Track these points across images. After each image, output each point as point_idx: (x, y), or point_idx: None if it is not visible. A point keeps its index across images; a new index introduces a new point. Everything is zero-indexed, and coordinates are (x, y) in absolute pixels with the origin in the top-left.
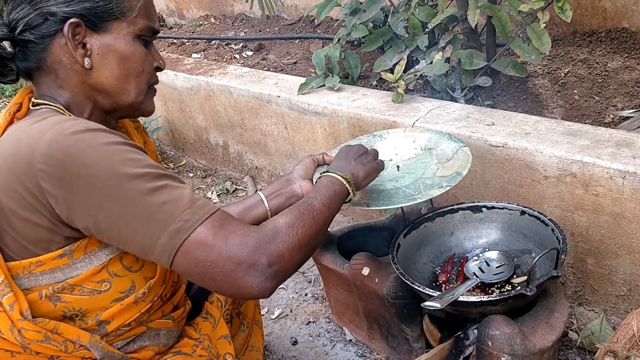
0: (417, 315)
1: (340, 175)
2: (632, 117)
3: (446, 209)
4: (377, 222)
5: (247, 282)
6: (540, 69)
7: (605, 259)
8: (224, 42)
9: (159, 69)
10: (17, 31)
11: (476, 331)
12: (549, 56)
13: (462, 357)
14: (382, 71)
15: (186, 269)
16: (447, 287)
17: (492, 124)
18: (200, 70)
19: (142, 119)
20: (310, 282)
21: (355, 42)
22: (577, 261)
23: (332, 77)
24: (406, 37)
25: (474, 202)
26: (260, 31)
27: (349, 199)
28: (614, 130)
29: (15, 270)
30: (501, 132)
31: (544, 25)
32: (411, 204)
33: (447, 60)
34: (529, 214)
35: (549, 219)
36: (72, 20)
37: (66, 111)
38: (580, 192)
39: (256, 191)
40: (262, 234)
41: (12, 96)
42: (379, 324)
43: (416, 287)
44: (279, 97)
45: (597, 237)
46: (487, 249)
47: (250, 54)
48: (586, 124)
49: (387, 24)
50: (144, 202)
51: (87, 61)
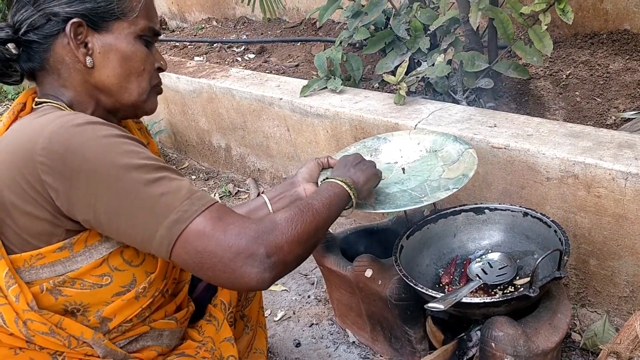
0: (420, 317)
1: (340, 179)
2: (634, 118)
3: (449, 211)
4: (379, 224)
5: (246, 272)
6: (542, 70)
7: (607, 261)
8: (226, 45)
9: (161, 70)
10: (21, 32)
11: (479, 333)
12: (550, 58)
13: (465, 359)
14: (384, 73)
15: (185, 260)
16: (450, 289)
17: (494, 126)
18: (202, 73)
19: (145, 121)
20: (313, 284)
21: (357, 45)
22: (579, 263)
23: (334, 79)
24: (408, 40)
25: (477, 204)
26: (262, 34)
27: (350, 204)
28: (616, 131)
29: (16, 263)
30: (503, 134)
31: (546, 27)
32: (417, 206)
33: (449, 62)
34: (531, 216)
35: (552, 221)
36: (74, 20)
37: (68, 108)
38: (582, 194)
39: (259, 194)
40: (261, 225)
41: (14, 99)
42: (382, 326)
43: (419, 288)
44: (281, 99)
45: (600, 239)
46: (490, 251)
47: (252, 56)
48: (588, 125)
49: (389, 26)
50: (143, 193)
51: (89, 60)
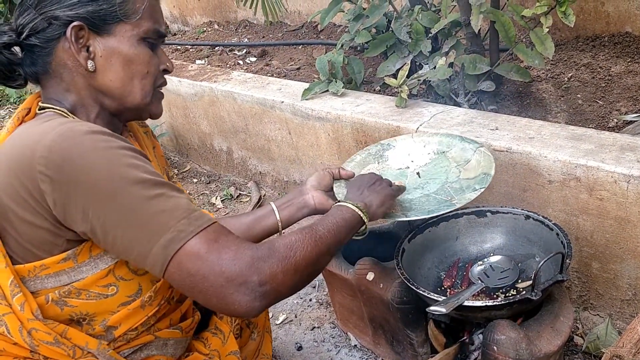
0: (422, 320)
1: (351, 204)
2: (636, 121)
3: (450, 214)
4: (381, 227)
5: (236, 300)
6: (543, 73)
7: (610, 263)
8: (228, 49)
9: (167, 72)
10: (24, 36)
11: (481, 336)
12: (552, 61)
13: None
14: (386, 76)
15: (177, 281)
16: (452, 292)
17: (496, 129)
18: (204, 76)
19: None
20: (314, 287)
21: (358, 48)
22: (582, 265)
23: (336, 82)
24: (409, 42)
25: (479, 207)
26: (263, 37)
27: (363, 229)
28: (617, 134)
29: (21, 273)
30: (505, 137)
31: (547, 30)
32: (452, 209)
33: (451, 65)
34: (533, 219)
35: (554, 224)
36: (75, 23)
37: (70, 115)
38: (584, 197)
39: (260, 197)
40: (257, 251)
41: (16, 103)
42: (383, 329)
43: (421, 292)
44: (282, 102)
45: (602, 242)
46: (492, 254)
47: (253, 60)
48: (590, 128)
49: (390, 29)
50: (140, 210)
51: (90, 64)
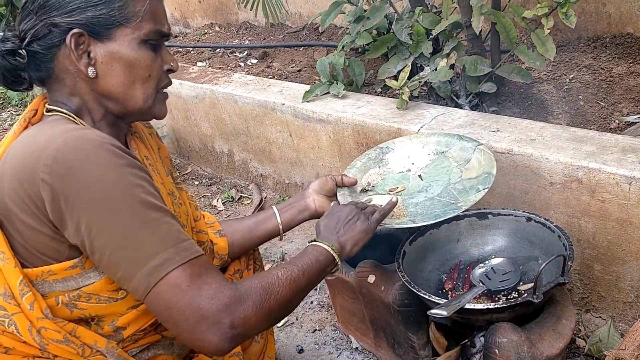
0: (423, 322)
1: (326, 244)
2: (638, 122)
3: (452, 216)
4: (382, 229)
5: (206, 338)
6: (545, 75)
7: (612, 266)
8: (229, 51)
9: (171, 71)
10: (26, 42)
11: (483, 339)
12: (553, 62)
13: None
14: (387, 78)
15: (155, 309)
16: (454, 295)
17: (497, 131)
18: (205, 78)
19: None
20: (315, 289)
21: (359, 50)
22: (583, 268)
23: (337, 84)
24: (410, 44)
25: (480, 209)
26: (264, 39)
27: (335, 269)
28: (619, 136)
29: (29, 276)
30: (506, 139)
31: (548, 31)
32: (458, 213)
33: (452, 66)
34: (535, 221)
35: (555, 226)
36: (74, 31)
37: (77, 118)
38: (586, 198)
39: (261, 200)
40: (236, 292)
41: (18, 105)
42: (385, 332)
43: (422, 294)
44: (283, 104)
45: (604, 244)
46: (493, 256)
47: (254, 61)
48: (591, 129)
49: (391, 31)
50: (132, 232)
51: (91, 70)
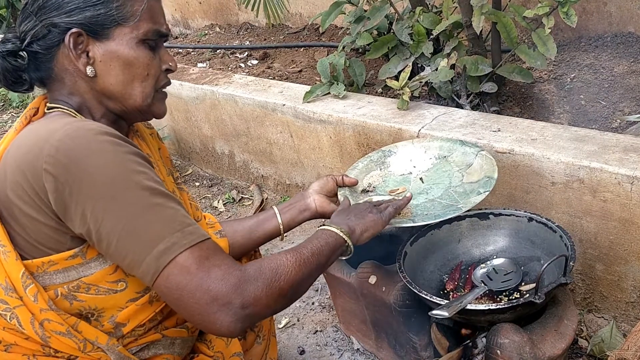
0: (424, 323)
1: (335, 227)
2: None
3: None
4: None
5: (218, 319)
6: (546, 74)
7: (614, 265)
8: (229, 51)
9: (170, 71)
10: (26, 43)
11: (485, 339)
12: (554, 61)
13: None
14: (387, 78)
15: (164, 292)
16: (455, 295)
17: (498, 130)
18: (205, 79)
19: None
20: (317, 290)
21: (360, 50)
22: (585, 268)
23: (337, 85)
24: (411, 44)
25: (481, 209)
26: (265, 40)
27: (348, 252)
28: (621, 135)
29: (29, 269)
30: (507, 139)
31: (549, 30)
32: (458, 214)
33: (452, 66)
34: (536, 221)
35: (557, 226)
36: (72, 30)
37: (78, 114)
38: (588, 198)
39: (262, 201)
40: (245, 273)
41: (19, 107)
42: (386, 333)
43: (423, 295)
44: (284, 105)
45: (606, 243)
46: (495, 256)
47: (255, 62)
48: (593, 129)
49: (392, 31)
50: (138, 218)
51: (89, 69)
